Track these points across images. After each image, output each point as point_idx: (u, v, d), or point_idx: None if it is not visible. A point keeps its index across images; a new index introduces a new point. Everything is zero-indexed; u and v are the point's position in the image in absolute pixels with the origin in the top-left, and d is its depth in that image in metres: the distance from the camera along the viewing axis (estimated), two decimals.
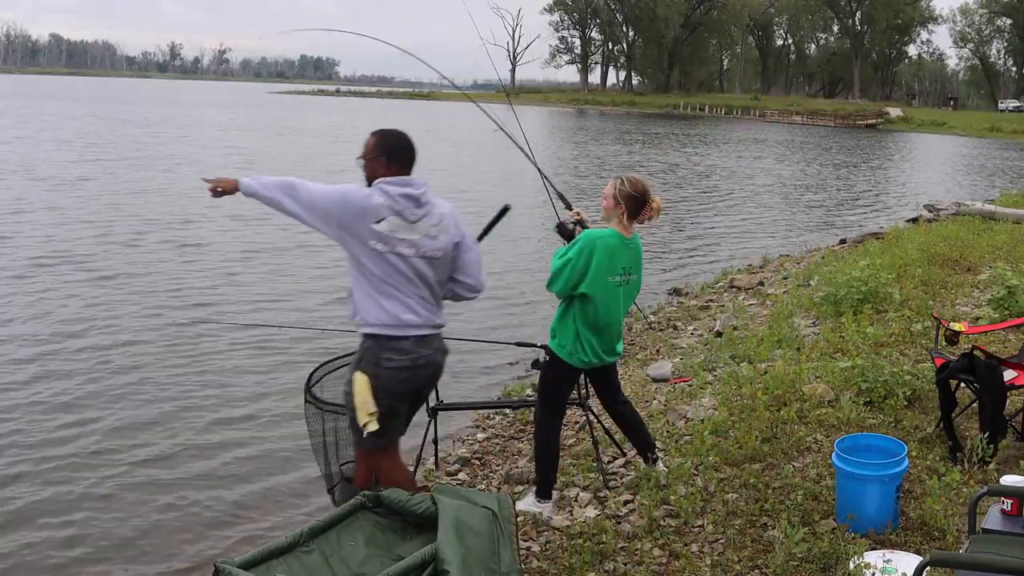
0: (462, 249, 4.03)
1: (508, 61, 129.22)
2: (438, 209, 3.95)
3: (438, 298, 4.00)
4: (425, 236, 3.87)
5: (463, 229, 4.05)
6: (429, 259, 3.89)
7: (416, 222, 3.85)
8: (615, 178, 4.65)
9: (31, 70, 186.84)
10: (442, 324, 4.01)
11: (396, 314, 3.82)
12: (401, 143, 3.96)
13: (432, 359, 3.96)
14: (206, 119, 50.57)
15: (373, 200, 3.80)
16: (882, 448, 4.45)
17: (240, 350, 8.68)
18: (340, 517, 3.62)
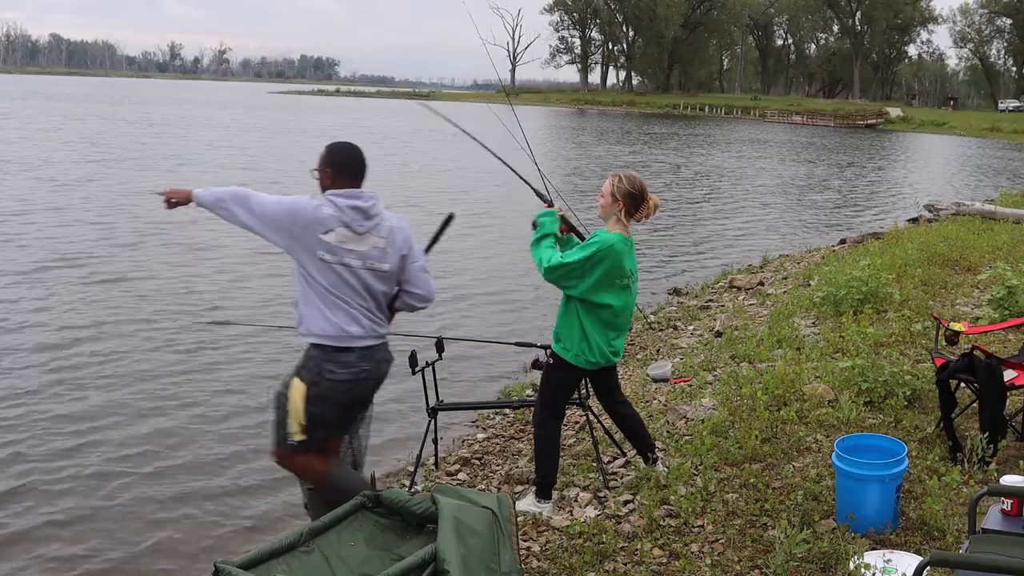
0: (409, 260, 4.09)
1: (508, 61, 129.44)
2: (387, 222, 4.00)
3: (384, 310, 4.07)
4: (373, 248, 3.93)
5: (411, 241, 4.11)
6: (376, 271, 3.96)
7: (364, 234, 3.91)
8: (613, 175, 4.62)
9: (31, 70, 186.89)
10: (387, 334, 4.10)
11: (340, 325, 3.89)
12: (351, 156, 4.02)
13: (375, 371, 4.03)
14: (207, 119, 50.57)
15: (322, 211, 3.86)
16: (882, 448, 4.45)
17: (244, 350, 8.67)
18: (340, 517, 3.62)
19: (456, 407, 6.09)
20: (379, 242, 3.95)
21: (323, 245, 3.85)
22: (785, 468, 5.00)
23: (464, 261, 13.74)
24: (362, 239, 3.91)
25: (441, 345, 5.53)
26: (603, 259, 4.42)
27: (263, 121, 49.09)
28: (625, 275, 4.56)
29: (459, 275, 12.75)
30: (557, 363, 4.69)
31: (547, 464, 4.81)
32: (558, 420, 4.86)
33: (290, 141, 37.09)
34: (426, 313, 10.28)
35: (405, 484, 5.61)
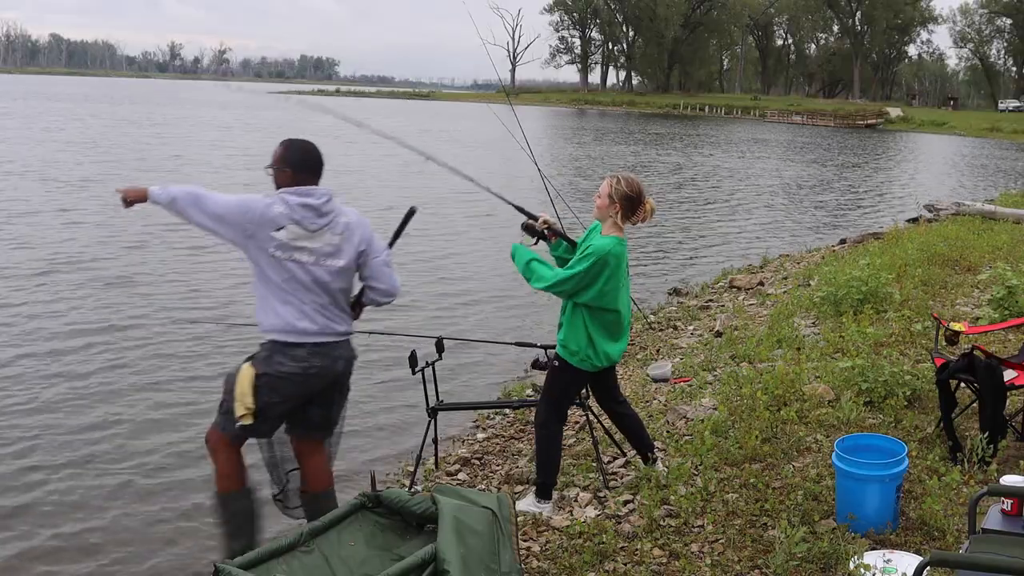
0: (370, 255, 4.12)
1: (508, 61, 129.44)
2: (343, 219, 4.04)
3: (343, 306, 4.11)
4: (327, 245, 3.98)
5: (370, 237, 4.12)
6: (331, 268, 3.99)
7: (317, 231, 3.96)
8: (611, 176, 4.60)
9: (31, 70, 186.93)
10: (346, 332, 4.12)
11: (291, 321, 3.94)
12: (306, 154, 4.07)
13: (328, 368, 4.04)
14: (209, 119, 50.54)
15: (273, 209, 3.92)
16: (882, 448, 4.45)
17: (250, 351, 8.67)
18: (340, 517, 3.62)
19: (456, 407, 6.09)
20: (333, 239, 4.00)
21: (274, 242, 3.91)
22: (785, 468, 5.00)
23: (464, 261, 13.75)
24: (315, 236, 3.96)
25: (441, 345, 5.53)
26: (605, 265, 4.43)
27: (265, 121, 49.03)
28: (623, 278, 4.59)
29: (459, 275, 12.76)
30: (563, 366, 4.68)
31: (548, 466, 4.82)
32: (561, 423, 4.87)
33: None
34: (426, 313, 10.45)
35: (405, 484, 5.61)
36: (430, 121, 58.11)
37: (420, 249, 14.48)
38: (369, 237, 4.13)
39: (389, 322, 9.83)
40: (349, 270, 4.08)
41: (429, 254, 14.15)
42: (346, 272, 4.07)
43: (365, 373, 8.28)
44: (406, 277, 12.22)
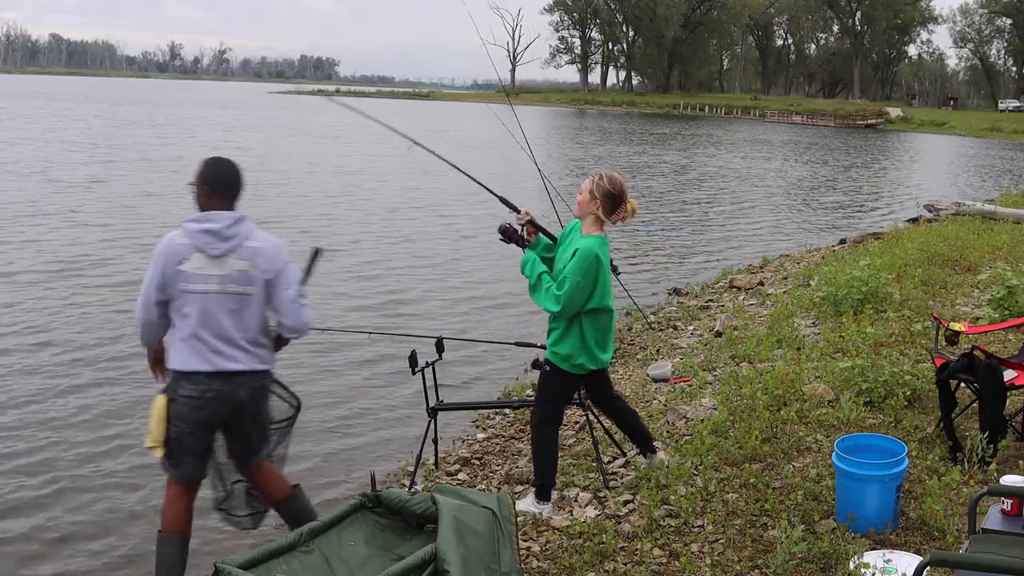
0: (277, 287, 3.95)
1: (508, 61, 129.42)
2: (252, 243, 3.90)
3: (254, 334, 3.94)
4: (234, 271, 3.86)
5: (280, 266, 3.95)
6: (240, 295, 3.87)
7: (221, 257, 3.84)
8: (594, 174, 4.57)
9: (31, 70, 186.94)
10: (254, 367, 3.94)
11: (194, 350, 3.86)
12: (223, 173, 3.96)
13: (229, 395, 3.91)
14: (211, 119, 50.53)
15: (175, 242, 3.87)
16: (882, 448, 4.45)
17: None
18: (340, 517, 3.62)
19: (456, 407, 6.09)
20: (240, 264, 3.86)
21: (182, 276, 3.83)
22: (785, 468, 5.00)
23: (465, 261, 13.75)
24: (220, 262, 3.84)
25: (441, 345, 5.53)
26: (596, 267, 4.41)
27: (264, 121, 49.04)
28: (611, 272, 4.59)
29: (459, 275, 12.76)
30: (554, 371, 4.65)
31: (545, 468, 4.80)
32: (556, 425, 4.84)
33: (295, 143, 37.03)
34: (426, 313, 10.44)
35: (405, 484, 5.61)
36: (430, 121, 58.13)
37: (420, 249, 14.50)
38: (279, 267, 3.95)
39: (389, 322, 9.85)
40: (258, 298, 3.93)
41: (429, 254, 14.17)
42: (256, 300, 3.92)
43: (365, 373, 8.30)
44: (407, 277, 12.38)
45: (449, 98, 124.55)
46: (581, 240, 4.47)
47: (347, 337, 8.73)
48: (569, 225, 4.70)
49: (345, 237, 15.22)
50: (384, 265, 13.17)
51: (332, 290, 11.38)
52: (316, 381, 7.99)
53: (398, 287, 11.82)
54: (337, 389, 7.86)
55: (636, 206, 4.58)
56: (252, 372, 3.95)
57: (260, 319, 3.97)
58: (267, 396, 4.11)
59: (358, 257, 13.64)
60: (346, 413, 7.32)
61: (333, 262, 13.16)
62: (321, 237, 15.02)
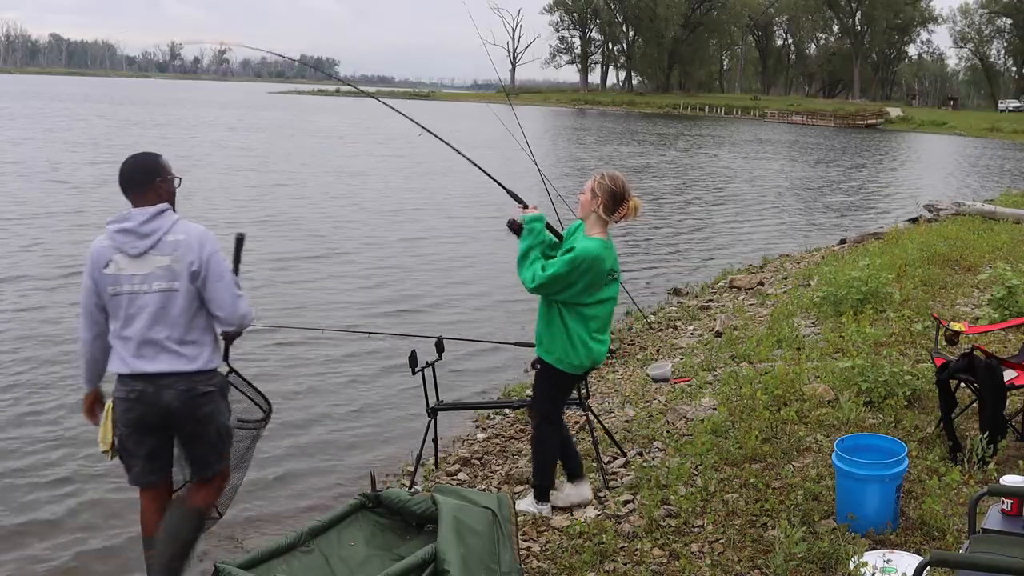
0: (208, 280, 3.76)
1: (508, 61, 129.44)
2: (171, 237, 3.74)
3: (179, 333, 3.75)
4: (158, 268, 3.72)
5: (206, 256, 3.76)
6: (162, 292, 3.72)
7: (142, 255, 3.71)
8: (597, 173, 4.53)
9: (31, 70, 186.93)
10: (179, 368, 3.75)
11: (122, 353, 3.77)
12: (122, 171, 3.82)
13: (154, 397, 3.75)
14: (212, 119, 50.49)
15: (97, 247, 3.77)
16: (882, 448, 4.45)
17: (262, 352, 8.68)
18: (340, 517, 3.63)
19: (456, 407, 6.09)
20: (163, 260, 3.72)
21: (108, 280, 3.73)
22: (785, 468, 5.00)
23: (465, 261, 13.76)
24: (142, 261, 3.72)
25: (441, 345, 5.53)
26: (587, 269, 4.34)
27: (265, 121, 49.00)
28: (605, 278, 4.46)
29: (459, 275, 12.77)
30: (544, 368, 4.58)
31: (543, 468, 4.75)
32: (552, 425, 4.72)
33: (296, 142, 37.01)
34: (426, 313, 10.43)
35: (405, 484, 5.61)
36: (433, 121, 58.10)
37: (420, 250, 14.50)
38: (206, 257, 3.75)
39: (389, 322, 9.85)
40: (184, 293, 3.75)
41: (429, 254, 14.17)
42: (180, 297, 3.74)
43: (365, 373, 8.30)
44: (407, 277, 12.38)
45: (449, 98, 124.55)
46: (582, 240, 4.43)
47: (347, 337, 8.73)
48: (573, 225, 4.65)
49: (345, 237, 15.22)
50: (384, 265, 13.18)
51: (332, 290, 11.40)
52: (316, 381, 7.99)
53: (398, 287, 11.82)
54: (337, 389, 7.86)
55: (639, 204, 4.52)
56: (178, 374, 3.74)
57: (189, 316, 3.77)
58: (207, 400, 3.82)
59: (358, 257, 13.65)
60: (346, 413, 7.32)
61: (334, 262, 13.18)
62: (321, 237, 15.04)
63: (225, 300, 3.80)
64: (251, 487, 5.93)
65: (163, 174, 3.88)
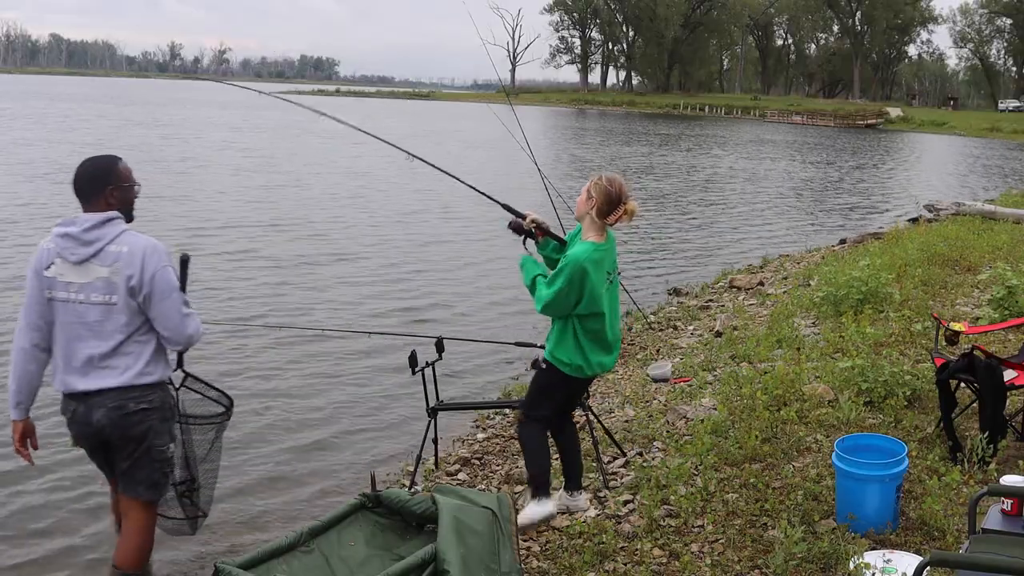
0: (153, 298, 3.55)
1: (508, 61, 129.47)
2: (114, 247, 3.53)
3: (112, 349, 3.56)
4: (97, 279, 3.53)
5: (146, 271, 3.53)
6: (100, 305, 3.54)
7: (82, 263, 3.53)
8: (595, 175, 4.44)
9: (31, 70, 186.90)
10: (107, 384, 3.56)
11: (57, 365, 3.63)
12: (75, 174, 3.65)
13: (85, 416, 3.59)
14: (215, 120, 50.43)
15: (42, 247, 3.62)
16: (882, 448, 4.46)
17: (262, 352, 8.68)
18: (340, 517, 3.63)
19: (456, 407, 6.09)
20: (102, 271, 3.52)
21: (46, 283, 3.57)
22: (785, 468, 5.00)
23: (465, 261, 13.75)
24: (82, 269, 3.52)
25: (441, 345, 5.53)
26: (582, 277, 4.21)
27: (270, 122, 48.88)
28: (604, 282, 4.35)
29: (459, 275, 12.77)
30: (550, 369, 4.44)
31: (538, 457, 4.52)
32: (539, 422, 4.55)
33: (300, 143, 36.98)
34: (426, 313, 10.44)
35: (405, 484, 5.61)
36: (431, 122, 58.08)
37: (420, 250, 14.51)
38: (150, 274, 3.52)
39: (389, 322, 9.86)
40: (123, 308, 3.53)
41: (430, 255, 14.17)
42: (118, 311, 3.53)
43: (365, 373, 8.30)
44: (407, 277, 12.38)
45: (449, 98, 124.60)
46: (571, 249, 4.33)
47: (347, 337, 8.74)
48: (576, 228, 4.57)
49: (347, 238, 15.23)
50: (384, 265, 13.18)
51: (332, 290, 11.40)
52: (315, 381, 8.00)
53: (398, 287, 11.83)
54: (336, 389, 7.86)
55: (635, 209, 4.42)
56: (107, 390, 3.55)
57: (128, 332, 3.56)
58: (141, 417, 3.60)
59: (359, 257, 13.66)
60: (346, 413, 7.32)
61: (334, 262, 13.19)
62: (323, 237, 15.04)
63: (172, 320, 3.58)
64: (251, 487, 5.95)
65: (116, 181, 3.65)
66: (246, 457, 6.37)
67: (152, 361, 3.64)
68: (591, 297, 4.30)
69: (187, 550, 5.14)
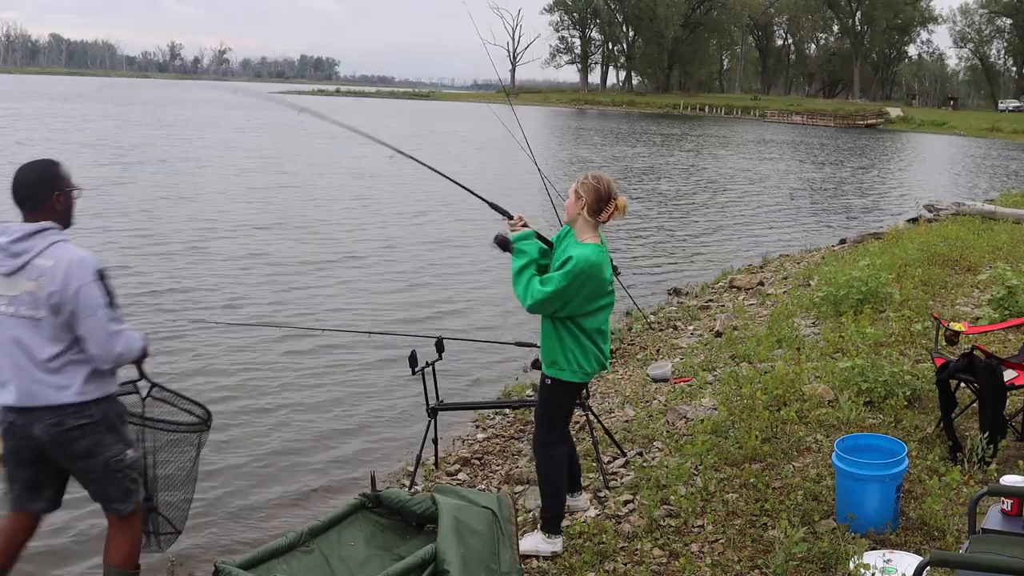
0: (79, 315, 3.42)
1: (508, 61, 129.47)
2: (41, 261, 3.41)
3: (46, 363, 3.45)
4: (25, 292, 3.41)
5: (74, 291, 3.40)
6: (27, 319, 3.43)
7: (12, 275, 3.42)
8: (581, 175, 4.34)
9: (31, 70, 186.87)
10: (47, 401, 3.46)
11: None
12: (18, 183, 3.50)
13: (24, 430, 3.50)
14: (217, 120, 50.36)
15: None
16: (882, 448, 4.46)
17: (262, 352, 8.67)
18: (340, 517, 3.63)
19: (456, 407, 6.09)
20: (28, 285, 3.40)
21: None
22: (785, 468, 5.00)
23: (465, 261, 13.75)
24: (12, 282, 3.42)
25: (441, 345, 5.53)
26: (587, 279, 4.11)
27: (273, 122, 48.79)
28: (608, 286, 4.28)
29: (459, 275, 12.77)
30: (553, 384, 4.31)
31: (556, 496, 4.40)
32: (563, 444, 4.46)
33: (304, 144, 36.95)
34: (426, 313, 10.44)
35: (405, 484, 5.61)
36: (431, 122, 58.07)
37: (421, 250, 14.50)
38: (73, 291, 3.39)
39: (389, 322, 9.86)
40: (49, 324, 3.42)
41: (430, 255, 14.17)
42: (45, 325, 3.42)
43: (365, 373, 8.30)
44: (407, 277, 12.38)
45: (449, 98, 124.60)
46: (576, 248, 4.23)
47: (347, 337, 8.74)
48: (562, 230, 4.47)
49: (351, 238, 15.23)
50: (384, 265, 13.18)
51: (332, 290, 11.39)
52: (316, 381, 8.00)
53: (398, 287, 11.83)
54: (337, 389, 7.86)
55: (625, 203, 4.32)
56: (46, 408, 3.46)
57: (56, 348, 3.45)
58: (81, 433, 3.51)
59: (359, 257, 13.65)
60: (346, 413, 7.32)
61: (334, 263, 13.19)
62: (324, 238, 15.04)
63: (97, 338, 3.44)
64: (251, 487, 5.95)
65: (61, 186, 3.53)
66: (246, 457, 6.38)
67: (89, 380, 3.52)
68: (589, 300, 4.18)
69: (187, 550, 5.14)
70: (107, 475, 3.60)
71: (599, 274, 4.18)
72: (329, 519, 3.59)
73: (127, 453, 3.66)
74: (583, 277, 4.10)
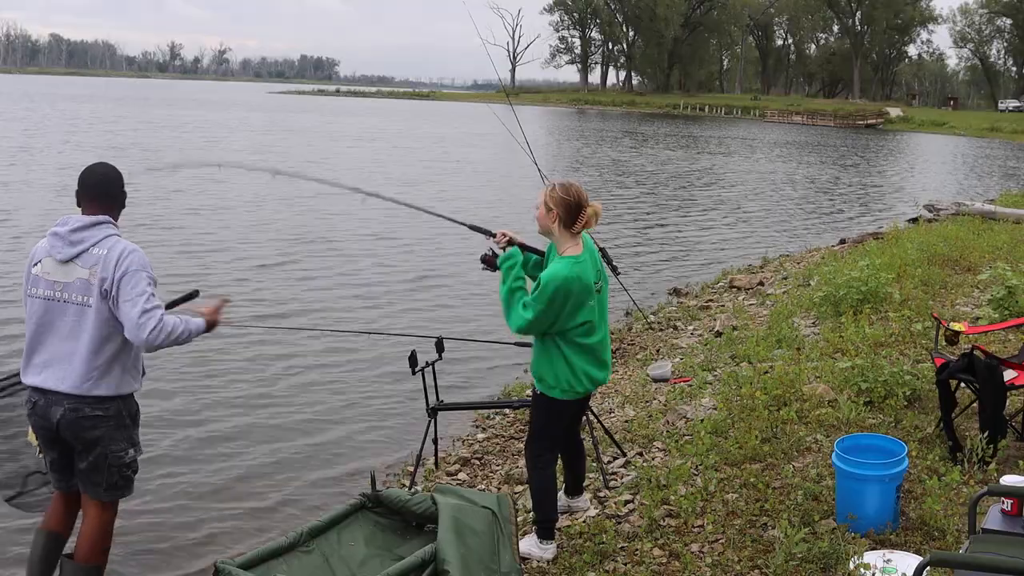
0: (119, 299, 3.62)
1: (508, 61, 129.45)
2: (97, 250, 3.66)
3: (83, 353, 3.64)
4: (78, 279, 3.64)
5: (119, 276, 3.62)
6: (77, 306, 3.65)
7: (67, 263, 3.66)
8: (547, 184, 4.23)
9: (31, 70, 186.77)
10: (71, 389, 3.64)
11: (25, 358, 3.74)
12: (83, 176, 3.81)
13: (44, 411, 3.69)
14: (219, 120, 50.34)
15: (38, 245, 3.79)
16: (882, 448, 4.45)
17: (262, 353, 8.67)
18: (340, 517, 3.63)
19: (456, 407, 6.10)
20: (83, 272, 3.64)
21: (30, 279, 3.72)
22: (785, 468, 5.00)
23: (464, 261, 13.75)
24: (66, 269, 3.66)
25: (441, 345, 5.53)
26: (563, 297, 4.00)
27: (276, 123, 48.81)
28: (591, 295, 4.13)
29: (459, 275, 12.76)
30: (544, 402, 4.25)
31: (546, 502, 4.35)
32: (552, 452, 4.39)
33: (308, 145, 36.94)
34: (426, 313, 10.44)
35: (405, 484, 5.61)
36: (433, 122, 58.06)
37: (421, 250, 14.50)
38: (119, 276, 3.61)
39: (389, 322, 9.86)
40: (96, 312, 3.64)
41: (430, 255, 14.17)
42: (92, 314, 3.64)
43: (365, 373, 8.30)
44: (407, 277, 12.37)
45: (449, 98, 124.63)
46: (549, 267, 4.10)
47: (347, 337, 8.74)
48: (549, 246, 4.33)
49: (347, 238, 15.22)
50: (384, 266, 13.19)
51: (332, 290, 11.39)
52: (316, 381, 8.00)
53: (398, 287, 11.83)
54: (337, 389, 7.86)
55: (599, 209, 4.19)
56: (69, 394, 3.65)
57: (98, 337, 3.66)
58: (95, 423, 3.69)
59: (359, 257, 13.65)
60: (346, 413, 7.32)
61: (334, 263, 13.18)
62: (324, 238, 15.03)
63: (129, 321, 3.60)
64: (251, 487, 5.95)
65: (124, 189, 3.93)
66: (246, 457, 6.38)
67: (118, 375, 3.73)
68: (573, 313, 4.07)
69: (187, 550, 5.15)
70: (107, 467, 3.77)
71: (576, 287, 4.04)
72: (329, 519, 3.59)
73: (129, 452, 3.84)
74: (559, 296, 4.00)
